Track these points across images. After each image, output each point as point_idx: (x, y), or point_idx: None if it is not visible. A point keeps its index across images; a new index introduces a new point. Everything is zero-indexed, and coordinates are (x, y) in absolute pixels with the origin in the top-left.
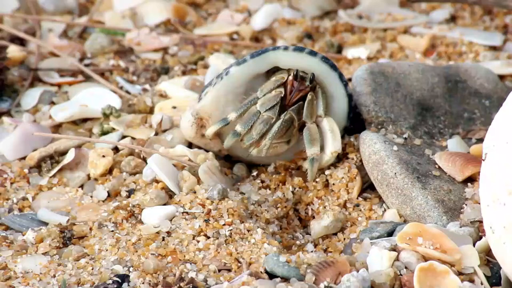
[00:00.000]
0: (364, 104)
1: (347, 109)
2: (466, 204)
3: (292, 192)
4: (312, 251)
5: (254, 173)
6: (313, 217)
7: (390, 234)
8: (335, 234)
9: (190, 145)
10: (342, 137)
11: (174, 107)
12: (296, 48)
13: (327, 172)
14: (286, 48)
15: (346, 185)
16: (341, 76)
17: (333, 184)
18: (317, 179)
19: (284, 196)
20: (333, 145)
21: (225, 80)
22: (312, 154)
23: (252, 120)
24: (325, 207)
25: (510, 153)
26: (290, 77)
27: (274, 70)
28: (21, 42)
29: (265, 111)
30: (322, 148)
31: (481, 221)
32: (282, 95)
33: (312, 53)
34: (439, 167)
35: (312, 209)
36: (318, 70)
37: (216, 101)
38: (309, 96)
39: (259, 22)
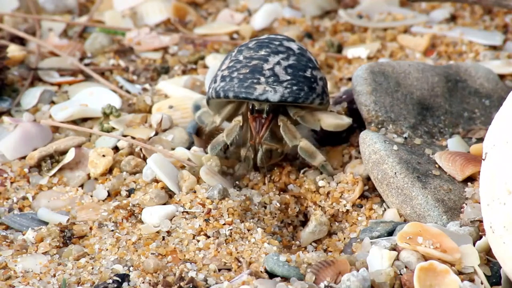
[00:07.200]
0: (364, 103)
1: None
2: (466, 204)
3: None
4: (312, 251)
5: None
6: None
7: (390, 233)
8: (330, 235)
9: (190, 147)
10: None
11: (171, 107)
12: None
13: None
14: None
15: (347, 185)
16: None
17: (332, 185)
18: (317, 179)
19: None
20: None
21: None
22: (319, 163)
23: (220, 146)
24: (322, 208)
25: (510, 153)
26: (249, 113)
27: None
28: (21, 41)
29: (236, 146)
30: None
31: (481, 221)
32: (241, 124)
33: None
34: (439, 166)
35: (311, 210)
36: None
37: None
38: (281, 123)
39: (259, 22)
